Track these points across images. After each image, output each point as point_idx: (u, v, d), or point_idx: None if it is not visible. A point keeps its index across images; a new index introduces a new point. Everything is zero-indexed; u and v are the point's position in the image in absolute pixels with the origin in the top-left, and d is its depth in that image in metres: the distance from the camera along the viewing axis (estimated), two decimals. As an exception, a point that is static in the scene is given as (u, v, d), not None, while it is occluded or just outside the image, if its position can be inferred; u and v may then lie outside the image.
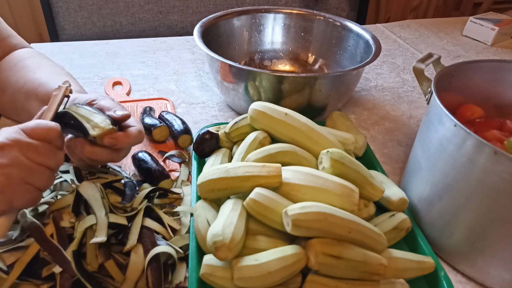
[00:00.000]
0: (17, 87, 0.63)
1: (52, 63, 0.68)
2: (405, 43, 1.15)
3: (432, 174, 0.51)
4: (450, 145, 0.46)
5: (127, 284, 0.44)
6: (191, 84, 0.88)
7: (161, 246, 0.46)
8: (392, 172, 0.67)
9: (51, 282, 0.44)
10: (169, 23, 1.30)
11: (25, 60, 0.66)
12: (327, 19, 0.88)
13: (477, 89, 0.59)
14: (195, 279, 0.44)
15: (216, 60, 0.70)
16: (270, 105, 0.56)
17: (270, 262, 0.41)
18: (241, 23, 0.89)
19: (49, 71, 0.64)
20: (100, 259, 0.44)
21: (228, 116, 0.78)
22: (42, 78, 0.61)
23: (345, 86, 0.74)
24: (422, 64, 0.60)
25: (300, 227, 0.41)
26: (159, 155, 0.66)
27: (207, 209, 0.49)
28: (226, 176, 0.47)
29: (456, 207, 0.48)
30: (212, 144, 0.60)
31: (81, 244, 0.45)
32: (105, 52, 0.99)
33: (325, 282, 0.42)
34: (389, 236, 0.49)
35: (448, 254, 0.52)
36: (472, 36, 1.19)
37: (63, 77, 0.63)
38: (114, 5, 1.23)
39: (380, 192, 0.51)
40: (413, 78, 0.96)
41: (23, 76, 0.63)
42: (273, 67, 0.93)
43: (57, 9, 1.20)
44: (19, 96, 0.63)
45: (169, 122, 0.68)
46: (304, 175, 0.47)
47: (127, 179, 0.56)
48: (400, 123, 0.80)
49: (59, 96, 0.50)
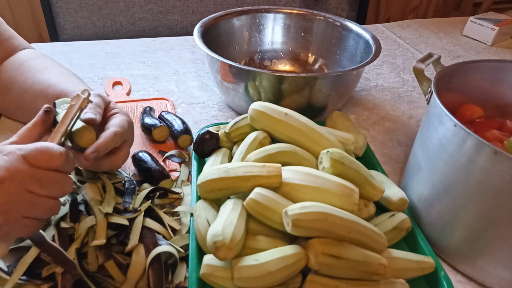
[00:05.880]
0: (24, 87, 0.63)
1: (58, 64, 0.68)
2: (405, 43, 1.15)
3: (432, 174, 0.51)
4: (450, 145, 0.46)
5: (128, 284, 0.44)
6: (191, 84, 0.88)
7: (163, 246, 0.46)
8: (392, 172, 0.67)
9: (51, 282, 0.44)
10: (169, 23, 1.30)
11: (31, 61, 0.66)
12: (327, 19, 0.88)
13: (477, 89, 0.59)
14: (195, 279, 0.44)
15: (216, 60, 0.70)
16: (270, 105, 0.56)
17: (270, 262, 0.41)
18: (241, 23, 0.89)
19: (56, 71, 0.64)
20: (101, 260, 0.44)
21: (228, 116, 0.78)
22: (51, 79, 0.61)
23: (345, 86, 0.74)
24: (422, 64, 0.60)
25: (300, 227, 0.41)
26: (159, 155, 0.66)
27: (207, 209, 0.49)
28: (226, 176, 0.47)
29: (456, 207, 0.48)
30: (212, 144, 0.60)
31: (81, 244, 0.45)
32: (105, 52, 0.99)
33: (325, 282, 0.42)
34: (389, 236, 0.49)
35: (448, 254, 0.52)
36: (472, 36, 1.19)
37: (71, 78, 0.64)
38: (114, 5, 1.23)
39: (380, 192, 0.51)
40: (413, 78, 0.96)
41: (31, 76, 0.63)
42: (273, 67, 0.93)
43: (57, 9, 1.20)
44: (26, 96, 0.62)
45: (169, 122, 0.68)
46: (304, 175, 0.47)
47: (127, 179, 0.56)
48: (400, 123, 0.80)
49: (75, 108, 0.46)
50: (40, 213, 0.40)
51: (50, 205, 0.41)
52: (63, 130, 0.44)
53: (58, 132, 0.44)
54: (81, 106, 0.46)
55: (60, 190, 0.41)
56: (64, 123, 0.45)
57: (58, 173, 0.41)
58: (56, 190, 0.41)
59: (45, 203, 0.40)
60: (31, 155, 0.39)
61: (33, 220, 0.40)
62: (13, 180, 0.37)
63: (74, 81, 0.62)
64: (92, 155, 0.46)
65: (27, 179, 0.38)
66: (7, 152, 0.39)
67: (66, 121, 0.45)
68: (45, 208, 0.40)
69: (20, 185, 0.38)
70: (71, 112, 0.45)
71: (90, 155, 0.46)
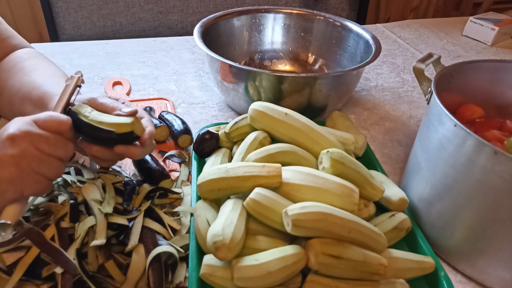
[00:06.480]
0: (13, 91, 0.62)
1: (49, 64, 0.67)
2: (405, 43, 1.15)
3: (432, 174, 0.51)
4: (450, 145, 0.46)
5: (128, 284, 0.44)
6: (191, 84, 0.88)
7: (163, 246, 0.46)
8: (392, 172, 0.67)
9: (51, 282, 0.44)
10: (169, 23, 1.30)
11: (22, 63, 0.65)
12: (327, 19, 0.88)
13: (477, 89, 0.59)
14: (195, 279, 0.44)
15: (216, 60, 0.70)
16: (270, 105, 0.56)
17: (270, 262, 0.41)
18: (241, 23, 0.89)
19: (44, 72, 0.63)
20: (101, 260, 0.44)
21: (228, 116, 0.78)
22: (36, 81, 0.60)
23: (345, 86, 0.74)
24: (422, 64, 0.60)
25: (300, 227, 0.42)
26: (159, 155, 0.66)
27: (207, 209, 0.49)
28: (226, 176, 0.47)
29: (456, 207, 0.48)
30: (212, 144, 0.60)
31: (82, 244, 0.45)
32: (105, 52, 0.99)
33: (325, 282, 0.42)
34: (389, 236, 0.49)
35: (448, 254, 0.52)
36: (472, 36, 1.19)
37: (56, 79, 0.62)
38: (114, 5, 1.23)
39: (380, 192, 0.51)
40: (413, 78, 0.96)
41: (19, 79, 0.62)
42: (273, 67, 0.93)
43: (57, 9, 1.20)
44: (15, 100, 0.62)
45: (169, 122, 0.68)
46: (304, 175, 0.47)
47: (127, 179, 0.56)
48: (400, 123, 0.80)
49: (70, 86, 0.50)
50: (48, 171, 0.44)
51: (56, 164, 0.44)
52: (62, 105, 0.49)
53: (58, 107, 0.48)
54: (76, 83, 0.51)
55: (64, 151, 0.45)
56: (62, 100, 0.49)
57: (63, 138, 0.45)
58: (61, 150, 0.45)
59: (52, 162, 0.44)
60: (41, 119, 0.44)
61: (42, 177, 0.44)
62: (24, 138, 0.42)
63: (59, 82, 0.62)
64: (148, 140, 0.51)
65: (36, 138, 0.43)
66: (19, 119, 0.44)
67: (64, 97, 0.49)
68: (52, 166, 0.44)
69: (30, 143, 0.42)
70: (67, 90, 0.50)
71: (147, 140, 0.51)
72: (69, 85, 0.51)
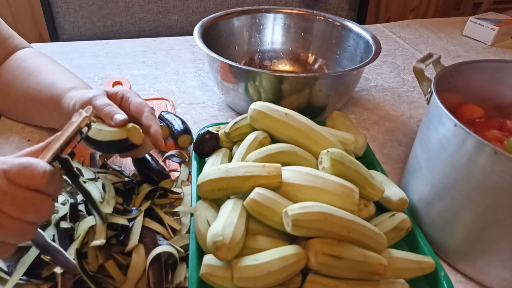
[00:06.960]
0: (21, 92, 0.63)
1: (49, 62, 0.68)
2: (405, 43, 1.15)
3: (432, 174, 0.51)
4: (450, 145, 0.46)
5: (128, 284, 0.44)
6: (191, 84, 0.88)
7: (163, 246, 0.46)
8: (392, 172, 0.67)
9: (51, 282, 0.44)
10: (169, 23, 1.30)
11: (24, 62, 0.66)
12: (327, 19, 0.88)
13: (477, 89, 0.59)
14: (195, 279, 0.44)
15: (216, 60, 0.70)
16: (270, 105, 0.56)
17: (270, 262, 0.41)
18: (241, 23, 0.89)
19: (48, 72, 0.64)
20: (101, 260, 0.44)
21: (228, 116, 0.78)
22: (41, 83, 0.62)
23: (345, 86, 0.74)
24: (422, 64, 0.60)
25: (300, 227, 0.41)
26: (159, 155, 0.66)
27: (207, 209, 0.49)
28: (226, 176, 0.47)
29: (456, 207, 0.48)
30: (212, 144, 0.60)
31: (82, 244, 0.45)
32: (105, 52, 0.99)
33: (325, 282, 0.42)
34: (389, 236, 0.49)
35: (448, 254, 0.52)
36: (472, 36, 1.19)
37: (61, 75, 0.64)
38: (114, 5, 1.23)
39: (380, 192, 0.51)
40: (413, 78, 0.96)
41: (25, 80, 0.63)
42: (273, 67, 0.93)
43: (57, 9, 1.20)
44: (25, 101, 0.64)
45: (169, 122, 0.68)
46: (304, 175, 0.47)
47: (127, 179, 0.56)
48: (400, 123, 0.80)
49: (73, 126, 0.41)
50: (8, 237, 0.35)
51: (22, 229, 0.35)
52: (56, 148, 0.39)
53: (50, 150, 0.39)
54: (79, 125, 0.41)
55: (35, 214, 0.36)
56: (59, 141, 0.40)
57: (38, 195, 0.36)
58: (31, 214, 0.36)
59: (16, 227, 0.35)
60: (13, 170, 0.35)
61: (2, 243, 0.35)
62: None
63: (62, 79, 0.62)
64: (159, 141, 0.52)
65: (1, 196, 0.34)
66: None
67: (61, 138, 0.40)
68: (16, 232, 0.35)
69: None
70: (68, 129, 0.41)
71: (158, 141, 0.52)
72: (72, 123, 0.41)
